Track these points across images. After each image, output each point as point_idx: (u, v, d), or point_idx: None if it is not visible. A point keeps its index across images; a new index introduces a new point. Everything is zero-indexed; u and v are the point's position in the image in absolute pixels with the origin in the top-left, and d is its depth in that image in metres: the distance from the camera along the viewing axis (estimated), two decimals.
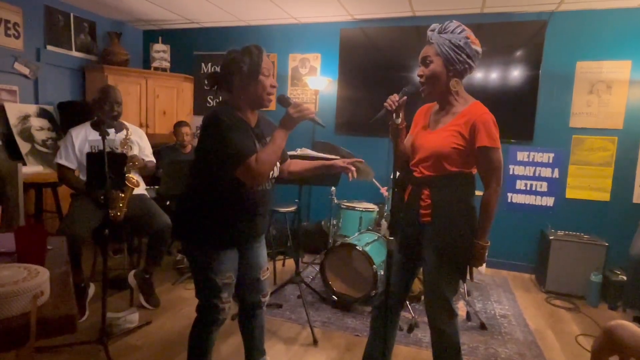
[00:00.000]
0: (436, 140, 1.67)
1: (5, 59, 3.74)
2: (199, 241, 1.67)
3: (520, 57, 3.85)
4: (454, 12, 3.91)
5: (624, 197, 3.69)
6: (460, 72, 1.64)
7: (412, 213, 1.74)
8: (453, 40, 1.60)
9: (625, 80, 3.64)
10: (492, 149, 1.58)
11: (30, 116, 3.83)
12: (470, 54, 1.61)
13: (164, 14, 4.50)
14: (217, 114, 1.56)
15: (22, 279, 1.04)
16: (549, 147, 3.89)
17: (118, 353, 2.24)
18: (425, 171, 1.70)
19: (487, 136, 1.57)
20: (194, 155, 1.69)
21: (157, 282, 3.11)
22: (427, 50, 1.68)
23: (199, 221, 1.65)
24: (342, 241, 3.06)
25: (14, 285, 1.00)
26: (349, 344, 2.50)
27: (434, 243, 1.68)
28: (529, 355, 2.44)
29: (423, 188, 1.70)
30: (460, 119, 1.63)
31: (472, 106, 1.65)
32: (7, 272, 1.08)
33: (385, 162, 4.14)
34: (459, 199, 1.67)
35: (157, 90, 4.64)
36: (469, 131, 1.60)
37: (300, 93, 4.65)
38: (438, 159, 1.65)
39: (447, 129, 1.66)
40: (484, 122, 1.58)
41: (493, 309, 3.12)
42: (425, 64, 1.69)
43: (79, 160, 2.69)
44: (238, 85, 1.63)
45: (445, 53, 1.61)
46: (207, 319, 1.73)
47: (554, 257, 3.45)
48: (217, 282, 1.66)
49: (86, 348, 2.24)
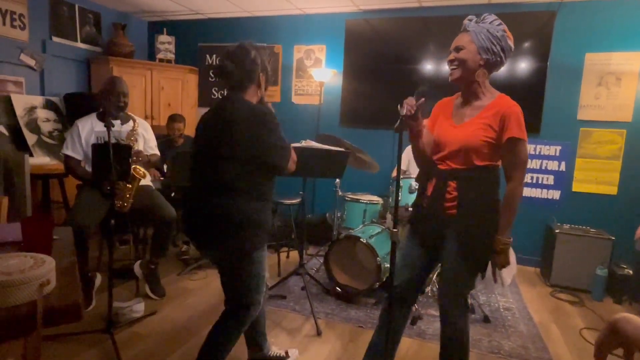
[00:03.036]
0: (464, 134, 1.63)
1: (11, 50, 3.76)
2: (258, 242, 1.67)
3: (528, 49, 3.79)
4: (461, 3, 3.86)
5: (631, 191, 3.65)
6: (492, 63, 1.62)
7: (436, 206, 1.70)
8: (491, 30, 1.58)
9: (635, 72, 3.58)
10: (521, 141, 1.57)
11: (36, 107, 3.85)
12: (505, 47, 1.60)
13: (169, 5, 4.48)
14: (260, 111, 1.64)
15: (29, 267, 1.05)
16: (556, 140, 3.85)
17: (124, 342, 2.26)
18: (452, 164, 1.67)
19: (517, 128, 1.56)
20: (238, 154, 1.60)
21: (163, 273, 3.13)
22: (461, 37, 1.64)
23: (255, 222, 1.65)
24: (346, 233, 3.06)
25: (21, 273, 1.00)
26: (352, 335, 2.51)
27: (458, 236, 1.64)
28: (533, 349, 2.44)
29: (449, 180, 1.66)
30: (489, 111, 1.61)
31: (499, 98, 1.64)
32: (13, 261, 1.08)
33: (390, 154, 4.12)
34: (485, 192, 1.65)
35: (162, 82, 4.64)
36: (498, 123, 1.58)
37: (305, 85, 4.63)
38: (467, 152, 1.62)
39: (475, 122, 1.63)
40: (515, 114, 1.57)
41: (497, 302, 3.12)
42: (457, 50, 1.64)
43: (85, 151, 2.70)
44: (258, 83, 1.71)
45: (481, 41, 1.59)
46: (247, 317, 1.75)
47: (560, 250, 3.44)
48: (264, 278, 1.74)
49: (93, 337, 2.27)
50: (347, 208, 3.51)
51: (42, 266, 1.06)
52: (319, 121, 4.47)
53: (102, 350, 2.18)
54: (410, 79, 4.10)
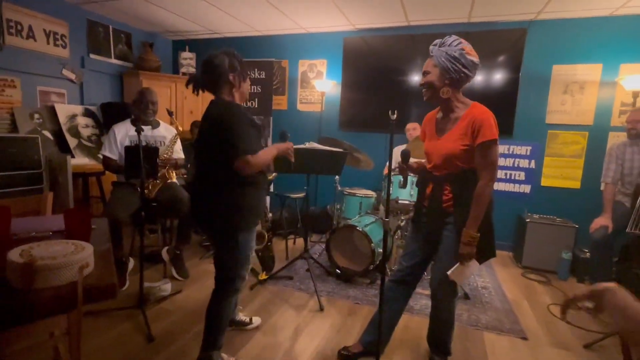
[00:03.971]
0: (446, 146, 1.64)
1: (55, 66, 3.76)
2: (242, 224, 1.65)
3: (503, 61, 3.76)
4: (444, 22, 3.83)
5: (592, 185, 3.63)
6: (456, 80, 1.59)
7: (435, 205, 1.71)
8: (449, 52, 1.57)
9: (596, 81, 3.55)
10: (491, 144, 1.54)
11: (77, 115, 3.86)
12: (466, 63, 1.57)
13: (190, 26, 4.47)
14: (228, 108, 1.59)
15: (70, 253, 1.05)
16: (527, 141, 3.82)
17: (153, 316, 2.28)
18: (443, 171, 1.68)
19: (488, 132, 1.54)
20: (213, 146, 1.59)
21: (186, 257, 3.14)
22: (428, 63, 1.65)
23: (239, 205, 1.63)
24: (345, 223, 3.05)
25: (64, 258, 1.01)
26: (350, 310, 2.51)
27: (455, 224, 1.65)
28: (506, 321, 2.44)
29: (444, 184, 1.68)
30: (463, 121, 1.61)
31: (472, 107, 1.62)
32: (57, 247, 1.09)
33: (382, 154, 4.11)
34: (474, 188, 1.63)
35: (185, 92, 4.63)
36: (471, 130, 1.56)
37: (309, 94, 4.61)
38: (452, 160, 1.63)
39: (454, 133, 1.63)
40: (485, 120, 1.54)
41: (475, 281, 3.11)
42: (424, 75, 1.66)
43: (119, 152, 2.70)
44: (229, 82, 1.64)
45: (442, 63, 1.58)
46: (231, 288, 1.74)
47: (530, 237, 3.42)
48: (249, 256, 1.72)
49: (127, 312, 2.29)
50: (345, 201, 3.50)
51: (82, 251, 1.07)
52: (321, 126, 4.46)
53: (135, 323, 2.20)
54: (400, 89, 4.08)
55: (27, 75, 3.54)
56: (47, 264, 0.97)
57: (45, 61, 3.67)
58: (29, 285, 0.95)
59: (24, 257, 0.99)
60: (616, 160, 2.76)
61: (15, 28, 3.41)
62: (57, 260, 0.99)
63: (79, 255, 1.04)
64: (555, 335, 2.30)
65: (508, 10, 3.46)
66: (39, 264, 0.96)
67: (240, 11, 3.86)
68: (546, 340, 2.24)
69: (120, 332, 2.11)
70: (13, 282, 0.97)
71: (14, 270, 0.96)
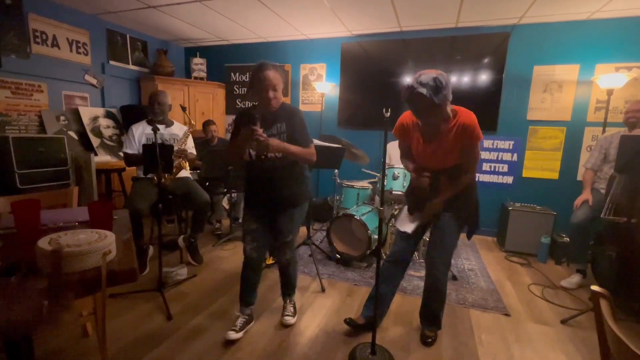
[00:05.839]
0: (439, 149, 1.72)
1: (78, 72, 3.74)
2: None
3: (488, 63, 3.72)
4: (434, 27, 3.78)
5: (569, 176, 3.61)
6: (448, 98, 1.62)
7: (435, 190, 1.81)
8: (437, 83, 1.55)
9: (574, 80, 3.51)
10: (476, 144, 1.66)
11: (99, 117, 3.85)
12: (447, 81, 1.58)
13: (201, 34, 4.43)
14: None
15: (94, 240, 1.06)
16: (510, 136, 3.80)
17: (172, 298, 2.30)
18: (438, 167, 1.78)
19: (474, 135, 1.63)
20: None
21: (201, 245, 3.16)
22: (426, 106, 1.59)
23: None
24: (344, 212, 3.05)
25: (88, 245, 1.01)
26: (349, 291, 2.52)
27: (451, 206, 1.79)
28: (491, 300, 2.44)
29: (440, 175, 1.79)
30: (453, 129, 1.67)
31: (458, 116, 1.66)
32: (83, 236, 1.09)
33: (377, 149, 4.09)
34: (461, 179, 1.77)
35: (197, 95, 4.61)
36: (460, 134, 1.65)
37: (310, 95, 4.58)
38: (445, 160, 1.73)
39: (446, 139, 1.69)
40: (470, 124, 1.63)
41: (462, 264, 3.12)
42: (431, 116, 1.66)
43: (137, 149, 2.70)
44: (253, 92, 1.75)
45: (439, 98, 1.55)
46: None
47: (512, 223, 3.41)
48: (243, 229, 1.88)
49: (147, 295, 2.30)
50: (344, 192, 3.50)
51: (105, 239, 1.07)
52: (321, 124, 4.44)
53: (155, 304, 2.21)
54: (394, 89, 4.05)
55: (53, 80, 3.53)
56: (73, 251, 0.97)
57: (69, 68, 3.65)
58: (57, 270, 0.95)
59: (52, 244, 1.00)
60: (600, 149, 2.75)
61: (41, 37, 3.39)
62: (82, 247, 1.00)
63: (102, 242, 1.04)
64: (535, 312, 2.31)
65: (492, 15, 3.42)
66: (66, 250, 0.96)
67: (247, 20, 3.82)
68: (527, 316, 2.25)
69: (142, 311, 2.13)
70: (43, 267, 0.97)
71: (43, 256, 0.97)
